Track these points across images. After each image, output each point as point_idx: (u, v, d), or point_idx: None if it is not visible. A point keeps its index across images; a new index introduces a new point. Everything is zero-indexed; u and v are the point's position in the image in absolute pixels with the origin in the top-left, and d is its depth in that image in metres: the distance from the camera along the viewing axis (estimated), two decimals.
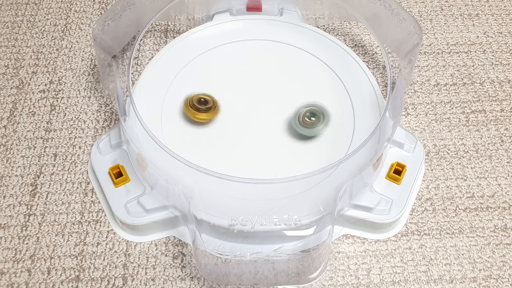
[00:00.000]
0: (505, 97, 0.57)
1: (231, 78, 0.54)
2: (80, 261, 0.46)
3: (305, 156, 0.49)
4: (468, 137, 0.54)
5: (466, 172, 0.52)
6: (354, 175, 0.45)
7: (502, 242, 0.48)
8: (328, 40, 0.57)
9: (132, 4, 0.55)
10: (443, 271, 0.46)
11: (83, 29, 0.63)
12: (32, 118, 0.55)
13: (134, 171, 0.49)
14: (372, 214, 0.47)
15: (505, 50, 0.61)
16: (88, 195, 0.50)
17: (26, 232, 0.48)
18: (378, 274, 0.46)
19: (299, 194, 0.46)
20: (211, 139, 0.50)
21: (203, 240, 0.42)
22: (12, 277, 0.46)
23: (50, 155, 0.53)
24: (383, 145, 0.46)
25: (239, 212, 0.43)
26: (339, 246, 0.47)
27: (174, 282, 0.45)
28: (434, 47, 0.61)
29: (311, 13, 0.62)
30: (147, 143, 0.46)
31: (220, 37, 0.57)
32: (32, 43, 0.61)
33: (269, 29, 0.58)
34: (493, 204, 0.50)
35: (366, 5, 0.55)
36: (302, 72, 0.55)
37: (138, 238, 0.48)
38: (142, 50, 0.60)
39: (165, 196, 0.46)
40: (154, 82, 0.53)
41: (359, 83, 0.54)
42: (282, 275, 0.44)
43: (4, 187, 0.51)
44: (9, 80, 0.58)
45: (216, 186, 0.44)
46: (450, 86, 0.58)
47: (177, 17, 0.62)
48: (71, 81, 0.58)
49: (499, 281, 0.46)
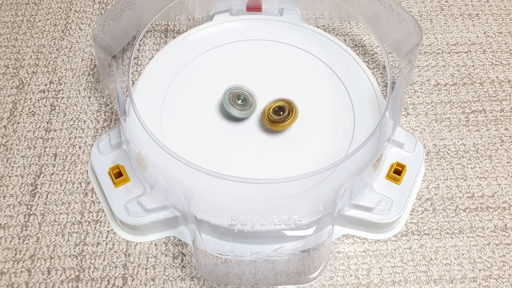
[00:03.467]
0: (505, 97, 0.57)
1: (231, 78, 0.54)
2: (80, 261, 0.46)
3: (305, 156, 0.49)
4: (468, 137, 0.54)
5: (466, 172, 0.52)
6: (354, 175, 0.45)
7: (502, 242, 0.48)
8: (328, 40, 0.57)
9: (132, 4, 0.55)
10: (443, 271, 0.46)
11: (83, 29, 0.63)
12: (32, 118, 0.55)
13: (134, 171, 0.49)
14: (372, 214, 0.47)
15: (505, 50, 0.61)
16: (88, 195, 0.50)
17: (26, 232, 0.48)
18: (378, 274, 0.46)
19: (299, 194, 0.46)
20: (211, 139, 0.50)
21: (203, 240, 0.42)
22: (12, 277, 0.46)
23: (50, 155, 0.53)
24: (383, 145, 0.46)
25: (239, 212, 0.43)
26: (339, 246, 0.47)
27: (174, 282, 0.45)
28: (434, 47, 0.61)
29: (311, 13, 0.62)
30: (147, 143, 0.46)
31: (220, 37, 0.57)
32: (32, 43, 0.61)
33: (269, 29, 0.58)
34: (493, 204, 0.50)
35: (366, 5, 0.55)
36: (302, 72, 0.55)
37: (138, 238, 0.48)
38: (142, 50, 0.60)
39: (165, 196, 0.46)
40: (154, 82, 0.53)
41: (359, 83, 0.54)
42: (282, 275, 0.44)
43: (4, 187, 0.51)
44: (9, 80, 0.58)
45: (216, 186, 0.44)
46: (450, 86, 0.58)
47: (177, 17, 0.62)
48: (71, 81, 0.58)
49: (499, 281, 0.46)
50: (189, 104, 0.52)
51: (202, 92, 0.53)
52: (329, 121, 0.51)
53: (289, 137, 0.50)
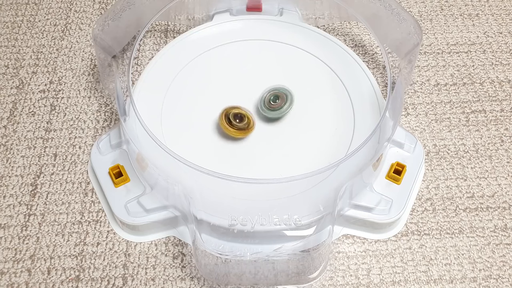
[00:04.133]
0: (505, 97, 0.57)
1: (231, 78, 0.54)
2: (80, 261, 0.46)
3: (305, 156, 0.49)
4: (468, 137, 0.54)
5: (466, 172, 0.52)
6: (354, 175, 0.45)
7: (502, 242, 0.48)
8: (328, 40, 0.57)
9: (132, 4, 0.55)
10: (443, 271, 0.46)
11: (83, 29, 0.63)
12: (32, 118, 0.55)
13: (134, 171, 0.49)
14: (372, 214, 0.47)
15: (505, 50, 0.61)
16: (88, 195, 0.50)
17: (26, 232, 0.48)
18: (378, 274, 0.46)
19: (299, 194, 0.46)
20: (211, 139, 0.50)
21: (203, 240, 0.42)
22: (12, 277, 0.46)
23: (50, 155, 0.53)
24: (383, 145, 0.46)
25: (239, 212, 0.43)
26: (339, 246, 0.47)
27: (174, 282, 0.45)
28: (434, 47, 0.61)
29: (311, 13, 0.62)
30: (147, 143, 0.46)
31: (220, 37, 0.57)
32: (32, 43, 0.61)
33: (269, 29, 0.58)
34: (493, 204, 0.50)
35: (366, 5, 0.55)
36: (302, 72, 0.55)
37: (138, 238, 0.48)
38: (142, 50, 0.60)
39: (165, 196, 0.46)
40: (154, 82, 0.53)
41: (359, 83, 0.54)
42: (282, 275, 0.44)
43: (4, 187, 0.51)
44: (9, 80, 0.58)
45: (216, 186, 0.44)
46: (450, 86, 0.58)
47: (177, 17, 0.62)
48: (71, 81, 0.58)
49: (499, 281, 0.46)
50: (189, 104, 0.52)
51: (202, 92, 0.53)
52: (329, 121, 0.51)
53: (289, 137, 0.50)
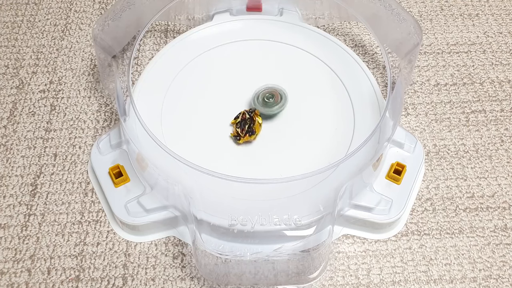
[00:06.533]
0: (505, 97, 0.57)
1: (231, 78, 0.54)
2: (80, 261, 0.46)
3: (305, 156, 0.49)
4: (468, 137, 0.54)
5: (466, 172, 0.52)
6: (354, 175, 0.45)
7: (502, 242, 0.48)
8: (328, 40, 0.57)
9: (132, 4, 0.55)
10: (443, 271, 0.46)
11: (83, 29, 0.63)
12: (32, 118, 0.55)
13: (134, 171, 0.49)
14: (372, 214, 0.47)
15: (505, 50, 0.61)
16: (88, 195, 0.50)
17: (26, 232, 0.48)
18: (378, 274, 0.46)
19: (299, 194, 0.46)
20: (211, 139, 0.50)
21: (203, 240, 0.42)
22: (12, 277, 0.46)
23: (50, 155, 0.53)
24: (383, 145, 0.46)
25: (239, 212, 0.43)
26: (339, 246, 0.47)
27: (174, 282, 0.45)
28: (434, 47, 0.61)
29: (311, 13, 0.62)
30: (147, 143, 0.46)
31: (220, 37, 0.57)
32: (32, 43, 0.61)
33: (269, 29, 0.58)
34: (493, 204, 0.50)
35: (366, 5, 0.55)
36: (302, 72, 0.55)
37: (138, 238, 0.48)
38: (142, 50, 0.60)
39: (165, 196, 0.46)
40: (154, 82, 0.53)
41: (359, 83, 0.54)
42: (282, 275, 0.44)
43: (4, 187, 0.51)
44: (9, 80, 0.58)
45: (216, 186, 0.44)
46: (450, 86, 0.58)
47: (177, 17, 0.62)
48: (71, 81, 0.58)
49: (499, 281, 0.46)
50: (189, 104, 0.52)
51: (202, 92, 0.53)
52: (329, 121, 0.51)
53: (289, 137, 0.50)
